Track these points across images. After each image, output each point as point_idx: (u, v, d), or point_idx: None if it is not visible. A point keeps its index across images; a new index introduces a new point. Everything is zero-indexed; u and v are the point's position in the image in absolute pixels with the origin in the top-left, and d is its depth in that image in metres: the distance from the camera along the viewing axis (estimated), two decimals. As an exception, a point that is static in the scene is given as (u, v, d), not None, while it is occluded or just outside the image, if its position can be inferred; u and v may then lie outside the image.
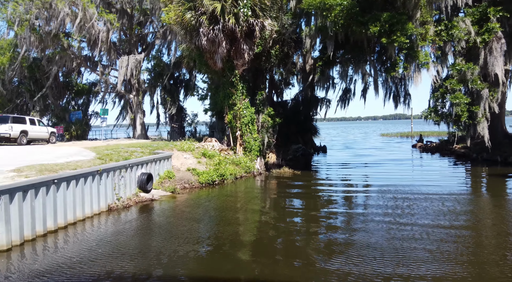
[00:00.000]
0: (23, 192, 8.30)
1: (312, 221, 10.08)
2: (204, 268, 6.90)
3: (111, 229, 9.59)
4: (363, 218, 9.94)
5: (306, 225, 9.72)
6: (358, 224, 9.44)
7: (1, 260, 7.41)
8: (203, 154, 17.81)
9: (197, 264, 7.08)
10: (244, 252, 7.64)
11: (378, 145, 37.28)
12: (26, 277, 6.48)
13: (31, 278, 6.42)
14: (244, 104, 19.29)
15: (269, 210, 11.52)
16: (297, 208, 11.93)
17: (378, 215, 10.12)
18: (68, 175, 9.69)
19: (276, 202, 12.78)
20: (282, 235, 8.79)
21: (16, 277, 6.54)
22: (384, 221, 9.52)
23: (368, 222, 9.52)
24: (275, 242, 8.29)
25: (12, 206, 8.00)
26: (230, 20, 17.43)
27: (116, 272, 6.62)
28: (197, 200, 13.08)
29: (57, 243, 8.42)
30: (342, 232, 8.78)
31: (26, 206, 8.37)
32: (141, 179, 13.09)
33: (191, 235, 8.72)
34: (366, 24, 14.87)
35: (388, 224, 9.21)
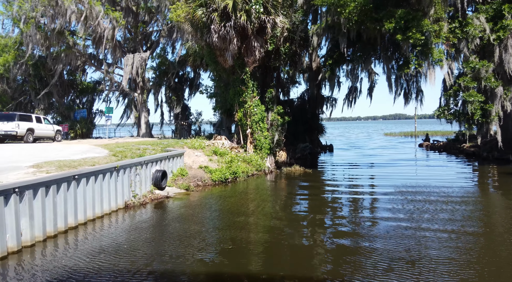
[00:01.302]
0: (46, 187, 8.19)
1: (334, 224, 9.42)
2: (226, 265, 6.78)
3: (130, 226, 9.48)
4: (388, 224, 8.94)
5: (328, 228, 9.14)
6: (388, 232, 8.29)
7: (26, 255, 7.30)
8: (214, 152, 17.70)
9: (220, 260, 6.96)
10: (262, 251, 7.46)
11: (384, 145, 37.14)
12: (52, 273, 6.37)
13: (57, 274, 6.31)
14: (254, 102, 19.19)
15: (287, 211, 11.31)
16: (318, 211, 11.02)
17: (404, 221, 9.18)
18: (87, 171, 9.58)
19: (292, 201, 12.56)
20: (301, 236, 8.67)
21: (42, 272, 6.43)
22: (413, 227, 8.58)
23: (397, 229, 8.46)
24: (294, 244, 8.15)
25: (35, 202, 7.90)
26: (241, 17, 17.31)
27: (142, 268, 6.52)
28: (212, 198, 12.97)
29: (79, 239, 8.31)
30: (374, 241, 7.65)
31: (49, 202, 8.26)
32: (155, 176, 12.98)
33: (211, 234, 8.60)
34: (380, 21, 14.77)
35: (418, 231, 8.24)
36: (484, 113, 16.17)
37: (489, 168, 18.82)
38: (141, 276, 6.20)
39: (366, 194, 13.31)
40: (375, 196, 12.78)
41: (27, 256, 7.29)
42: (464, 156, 23.37)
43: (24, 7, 28.09)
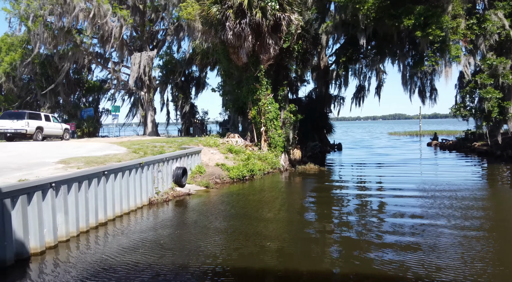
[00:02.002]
0: (78, 183, 8.12)
1: (360, 225, 8.83)
2: (268, 262, 6.70)
3: (159, 222, 9.40)
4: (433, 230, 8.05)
5: (356, 231, 8.39)
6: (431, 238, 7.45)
7: (62, 250, 7.23)
8: (229, 149, 17.64)
9: (260, 258, 6.89)
10: (287, 247, 7.38)
11: (392, 144, 37.04)
12: (91, 268, 6.29)
13: (95, 269, 6.23)
14: (268, 100, 19.12)
15: (314, 208, 11.28)
16: (347, 211, 10.52)
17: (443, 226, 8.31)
18: (115, 167, 9.50)
19: (317, 199, 12.43)
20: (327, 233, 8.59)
21: (80, 267, 6.35)
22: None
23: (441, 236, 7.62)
24: (319, 241, 8.06)
25: (69, 197, 7.83)
26: (257, 14, 17.24)
27: (180, 264, 6.46)
28: (233, 195, 12.88)
29: (112, 235, 8.24)
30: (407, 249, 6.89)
31: (81, 197, 8.19)
32: (176, 173, 12.91)
33: (244, 231, 8.51)
34: (399, 17, 14.71)
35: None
36: (501, 111, 16.12)
37: (508, 167, 18.41)
38: (181, 272, 6.12)
39: (395, 194, 12.41)
40: (404, 196, 12.08)
41: (65, 251, 7.22)
42: (476, 154, 23.28)
43: (33, 5, 27.97)
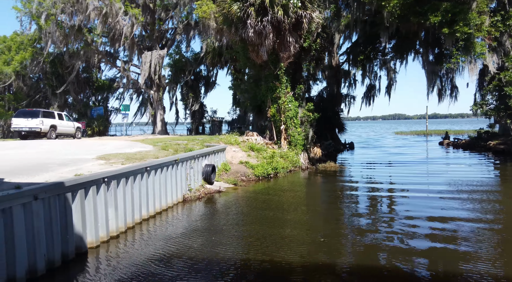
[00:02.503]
0: (125, 178, 8.10)
1: (395, 225, 8.36)
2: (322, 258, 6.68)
3: (201, 218, 9.39)
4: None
5: (394, 231, 7.95)
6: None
7: (115, 245, 7.22)
8: (251, 148, 17.62)
9: (313, 256, 6.87)
10: (330, 240, 7.39)
11: (403, 143, 36.96)
12: (144, 263, 6.27)
13: (150, 265, 6.21)
14: (288, 98, 19.11)
15: (347, 204, 11.24)
16: (379, 208, 10.31)
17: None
18: (156, 163, 9.48)
19: (347, 196, 12.39)
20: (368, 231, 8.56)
21: (135, 259, 6.33)
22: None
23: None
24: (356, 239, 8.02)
25: (118, 192, 7.81)
26: (278, 12, 17.23)
27: (233, 260, 6.45)
28: (264, 193, 12.83)
29: (158, 231, 8.22)
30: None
31: (128, 193, 8.18)
32: (206, 170, 12.89)
33: (290, 227, 8.52)
34: (425, 15, 14.70)
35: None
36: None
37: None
38: (238, 269, 6.11)
39: (427, 193, 11.98)
40: (437, 195, 11.61)
41: (118, 245, 7.20)
42: (492, 153, 23.22)
43: (46, 4, 27.93)
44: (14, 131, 23.62)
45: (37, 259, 5.60)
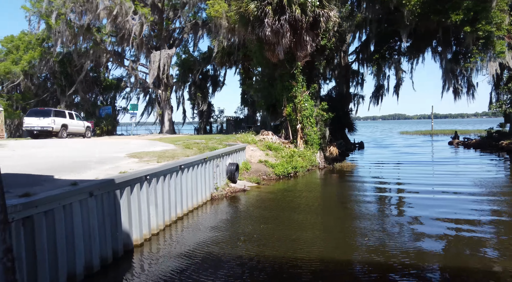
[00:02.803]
0: (163, 176, 8.09)
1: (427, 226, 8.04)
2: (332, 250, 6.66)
3: (234, 216, 9.37)
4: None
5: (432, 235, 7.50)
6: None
7: (157, 242, 7.20)
8: (268, 146, 17.61)
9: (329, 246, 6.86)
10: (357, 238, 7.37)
11: (411, 143, 36.91)
12: (189, 260, 6.27)
13: (194, 261, 6.21)
14: (304, 97, 19.10)
15: (374, 208, 11.12)
16: (408, 209, 9.77)
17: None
18: (188, 162, 9.47)
19: (373, 194, 12.33)
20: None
21: (180, 257, 6.32)
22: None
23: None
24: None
25: (158, 190, 7.80)
26: (296, 11, 17.22)
27: (275, 257, 6.45)
28: (288, 191, 12.83)
29: (195, 228, 8.20)
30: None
31: (166, 191, 8.17)
32: (230, 169, 12.88)
33: (331, 225, 8.51)
34: (446, 13, 14.68)
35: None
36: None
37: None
38: (281, 266, 6.10)
39: (456, 194, 11.42)
40: (470, 197, 10.95)
41: (160, 243, 7.20)
42: (506, 153, 23.20)
43: (56, 3, 27.89)
44: (26, 130, 23.61)
45: (92, 255, 5.59)
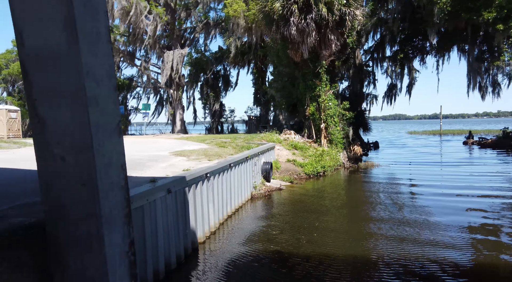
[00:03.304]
0: (218, 174, 7.99)
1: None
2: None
3: (284, 214, 9.25)
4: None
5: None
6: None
7: (218, 239, 7.10)
8: (293, 146, 17.51)
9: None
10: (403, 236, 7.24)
11: (424, 143, 36.67)
12: (249, 254, 6.16)
13: (255, 256, 6.11)
14: (328, 96, 19.00)
15: (414, 209, 11.01)
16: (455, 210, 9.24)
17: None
18: (236, 160, 9.37)
19: (410, 198, 12.04)
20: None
21: (244, 254, 6.21)
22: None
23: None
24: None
25: (215, 188, 7.70)
26: (323, 9, 17.13)
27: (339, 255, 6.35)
28: (324, 189, 12.74)
29: (249, 226, 8.09)
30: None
31: (219, 189, 8.07)
32: (265, 168, 12.77)
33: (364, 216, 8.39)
34: (477, 10, 14.58)
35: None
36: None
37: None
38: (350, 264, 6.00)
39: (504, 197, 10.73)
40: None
41: (221, 240, 7.09)
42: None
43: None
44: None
45: (170, 253, 5.50)
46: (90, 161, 2.99)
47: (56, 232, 3.10)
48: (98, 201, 3.06)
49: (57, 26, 2.79)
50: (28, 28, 2.82)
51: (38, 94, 2.90)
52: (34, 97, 2.91)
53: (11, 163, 6.80)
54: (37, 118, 2.96)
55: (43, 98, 2.91)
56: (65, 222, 3.09)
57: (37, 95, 2.90)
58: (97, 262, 3.16)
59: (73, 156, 2.99)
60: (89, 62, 2.93)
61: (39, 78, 2.89)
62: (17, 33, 2.83)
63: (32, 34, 2.80)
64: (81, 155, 2.98)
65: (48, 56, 2.85)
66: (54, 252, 3.11)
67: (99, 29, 3.07)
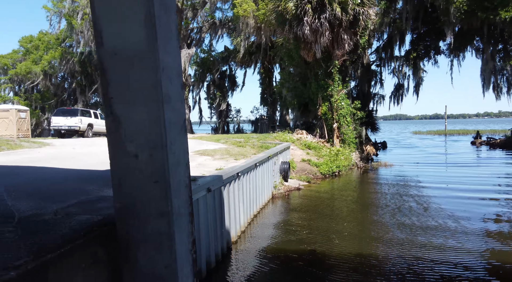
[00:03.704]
0: (245, 174, 7.98)
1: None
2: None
3: (308, 215, 9.25)
4: None
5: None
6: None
7: (246, 239, 7.08)
8: (307, 146, 17.52)
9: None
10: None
11: (432, 143, 36.53)
12: (282, 256, 6.16)
13: (287, 257, 6.10)
14: (341, 96, 18.99)
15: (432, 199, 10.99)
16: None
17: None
18: (260, 160, 9.37)
19: (433, 196, 11.94)
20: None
21: (275, 253, 6.21)
22: None
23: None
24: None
25: (244, 187, 7.70)
26: (337, 9, 17.13)
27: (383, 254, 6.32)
28: (342, 189, 12.73)
29: (276, 225, 8.09)
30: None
31: (246, 188, 8.06)
32: (283, 167, 12.77)
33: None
34: (494, 9, 14.55)
35: None
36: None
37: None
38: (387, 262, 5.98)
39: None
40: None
41: (252, 239, 7.08)
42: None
43: (82, 3, 27.88)
44: (53, 129, 23.64)
45: (210, 252, 5.49)
46: (164, 158, 2.99)
47: (127, 229, 3.10)
48: (170, 198, 3.06)
49: (138, 24, 2.79)
50: (108, 28, 2.82)
51: (114, 92, 2.90)
52: (110, 95, 2.91)
53: (45, 162, 6.81)
54: (112, 116, 2.96)
55: (119, 97, 2.91)
56: (135, 220, 3.09)
57: (114, 93, 2.90)
58: (167, 260, 3.16)
59: (147, 154, 2.99)
60: (164, 59, 2.93)
61: (117, 76, 2.89)
62: (97, 32, 2.83)
63: (111, 33, 2.79)
64: (154, 152, 2.98)
65: (127, 54, 2.85)
66: (124, 249, 3.11)
67: (171, 27, 3.07)
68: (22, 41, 37.24)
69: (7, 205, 3.65)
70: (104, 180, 5.16)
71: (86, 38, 29.51)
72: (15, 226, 3.01)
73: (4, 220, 3.14)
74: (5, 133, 24.99)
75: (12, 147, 9.48)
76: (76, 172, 5.76)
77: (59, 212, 3.48)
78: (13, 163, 6.66)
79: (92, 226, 3.07)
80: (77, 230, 3.00)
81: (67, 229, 3.03)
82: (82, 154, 9.83)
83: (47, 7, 31.08)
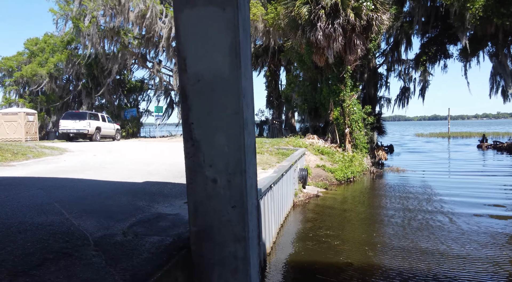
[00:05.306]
0: (276, 184, 7.99)
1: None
2: None
3: (336, 223, 9.25)
4: None
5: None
6: None
7: (279, 250, 7.09)
8: (320, 151, 17.52)
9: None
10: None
11: (438, 147, 36.38)
12: (320, 268, 6.16)
13: (324, 269, 6.10)
14: (353, 101, 19.02)
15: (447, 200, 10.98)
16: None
17: None
18: (286, 168, 9.37)
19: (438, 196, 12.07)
20: None
21: (312, 264, 6.22)
22: None
23: None
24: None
25: (275, 196, 7.71)
26: (350, 14, 17.17)
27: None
28: (362, 195, 12.75)
29: (305, 235, 8.10)
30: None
31: (276, 198, 8.07)
32: (302, 174, 12.77)
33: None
34: (510, 16, 14.61)
35: None
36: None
37: None
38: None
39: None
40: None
41: (285, 249, 7.09)
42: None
43: (90, 6, 27.89)
44: (62, 132, 23.67)
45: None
46: (242, 183, 2.99)
47: (202, 253, 3.11)
48: (247, 223, 3.07)
49: (223, 52, 2.79)
50: (193, 55, 2.82)
51: (195, 118, 2.91)
52: (191, 121, 2.92)
53: (80, 173, 6.81)
54: (191, 141, 2.96)
55: (200, 122, 2.91)
56: (211, 243, 3.10)
57: (195, 119, 2.91)
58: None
59: (225, 178, 2.99)
60: (245, 85, 2.95)
61: (198, 102, 2.89)
62: (181, 59, 2.84)
63: (195, 61, 2.80)
64: (233, 177, 2.98)
65: (210, 80, 2.85)
66: (198, 272, 3.12)
67: (248, 52, 3.08)
68: (28, 43, 37.24)
69: (73, 224, 3.66)
70: (149, 195, 5.18)
71: (93, 41, 29.50)
72: (95, 249, 3.02)
73: (82, 242, 3.15)
74: (14, 136, 25.02)
75: (37, 155, 9.48)
76: (118, 185, 5.76)
77: (127, 233, 3.49)
78: (49, 174, 6.66)
79: (171, 250, 3.08)
80: (158, 254, 3.01)
81: (146, 252, 3.04)
82: (108, 162, 9.81)
83: (53, 10, 31.10)
